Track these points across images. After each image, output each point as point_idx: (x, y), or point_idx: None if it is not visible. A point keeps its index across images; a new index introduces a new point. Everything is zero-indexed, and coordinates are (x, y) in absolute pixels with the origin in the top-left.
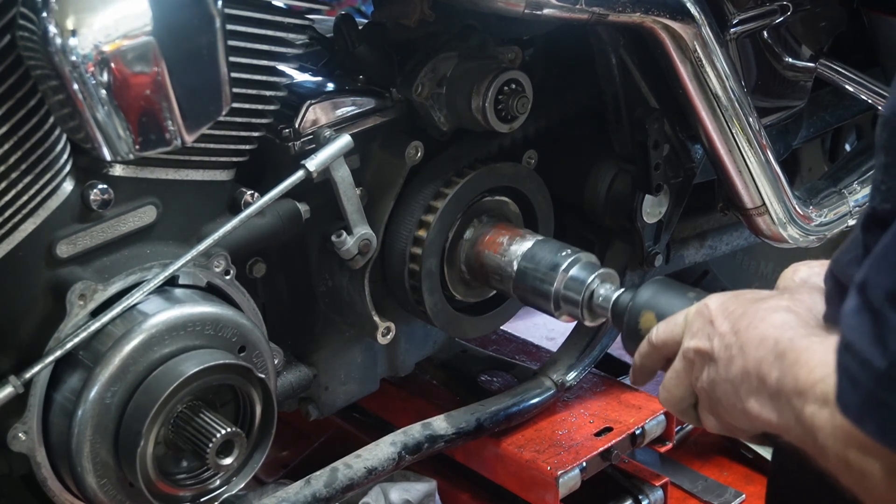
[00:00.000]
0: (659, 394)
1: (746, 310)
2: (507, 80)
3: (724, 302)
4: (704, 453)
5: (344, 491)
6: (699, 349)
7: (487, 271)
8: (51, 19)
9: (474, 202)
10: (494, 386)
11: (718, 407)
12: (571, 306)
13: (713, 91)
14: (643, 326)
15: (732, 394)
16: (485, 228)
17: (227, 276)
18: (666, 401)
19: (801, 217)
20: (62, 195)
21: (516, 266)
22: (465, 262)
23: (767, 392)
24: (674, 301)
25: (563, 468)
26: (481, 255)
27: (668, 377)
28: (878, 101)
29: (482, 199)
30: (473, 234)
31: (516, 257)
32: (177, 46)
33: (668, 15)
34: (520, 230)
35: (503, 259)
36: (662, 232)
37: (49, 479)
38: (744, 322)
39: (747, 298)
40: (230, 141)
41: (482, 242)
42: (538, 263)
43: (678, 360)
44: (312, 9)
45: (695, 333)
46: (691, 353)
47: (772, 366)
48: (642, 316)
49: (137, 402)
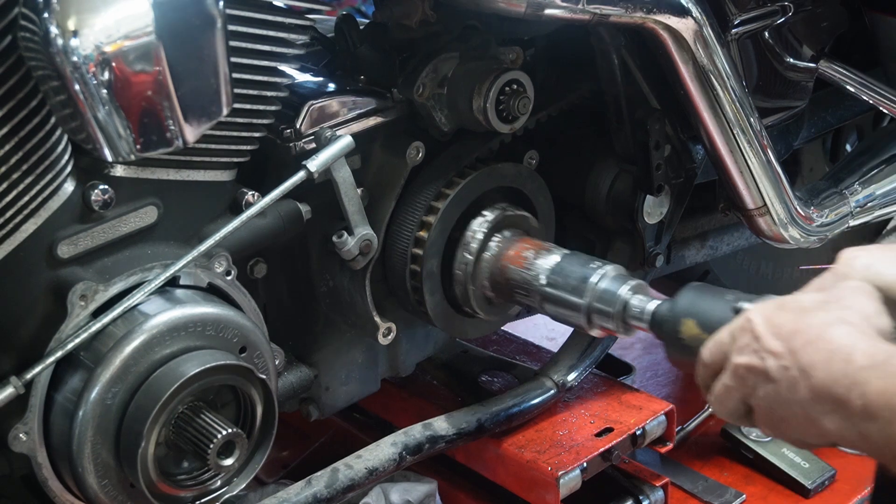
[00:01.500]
0: (710, 403)
1: (797, 325)
2: (509, 81)
3: (769, 316)
4: (705, 454)
5: (345, 491)
6: (750, 366)
7: (513, 286)
8: (52, 20)
9: (499, 221)
10: (495, 386)
11: (782, 424)
12: (604, 319)
13: (714, 91)
14: (685, 335)
15: (802, 416)
16: (508, 243)
17: (228, 276)
18: (718, 412)
19: (803, 218)
20: (63, 196)
21: (544, 280)
22: (489, 279)
23: (849, 413)
24: (713, 306)
25: (563, 469)
26: (506, 270)
27: (719, 391)
28: (879, 101)
29: (505, 214)
30: (497, 250)
31: (543, 271)
32: (178, 47)
33: (669, 15)
34: (544, 244)
35: (529, 273)
36: (663, 232)
37: (50, 480)
38: (798, 340)
39: (793, 309)
40: (231, 141)
41: (506, 257)
42: (567, 277)
43: (728, 375)
44: (313, 9)
45: (742, 349)
46: (742, 370)
47: (850, 388)
48: (683, 324)
49: (138, 403)
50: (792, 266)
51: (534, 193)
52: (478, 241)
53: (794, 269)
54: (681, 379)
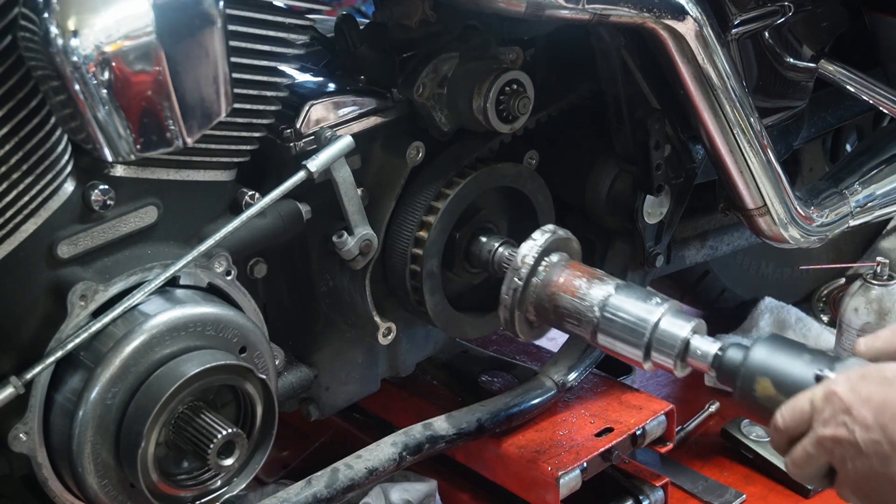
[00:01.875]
0: (787, 468)
1: (886, 398)
2: (509, 81)
3: (854, 386)
4: (705, 454)
5: (345, 491)
6: (837, 438)
7: (563, 315)
8: (52, 20)
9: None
10: (495, 386)
11: (871, 494)
12: (663, 357)
13: (714, 91)
14: (760, 394)
15: (893, 487)
16: (556, 269)
17: (228, 276)
18: (796, 476)
19: (803, 218)
20: (63, 196)
21: (598, 313)
22: (535, 303)
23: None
24: (791, 367)
25: (563, 469)
26: (555, 297)
27: (800, 457)
28: (879, 101)
29: (555, 236)
30: (545, 275)
31: (598, 303)
32: (178, 47)
33: (669, 15)
34: (595, 271)
35: (583, 304)
36: (663, 232)
37: (50, 480)
38: (888, 414)
39: (877, 380)
40: (231, 141)
41: (556, 284)
42: (626, 312)
43: (811, 444)
44: (313, 9)
45: (827, 421)
46: (829, 441)
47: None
48: (758, 383)
49: (138, 403)
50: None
51: (534, 193)
52: (528, 267)
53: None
54: (681, 379)
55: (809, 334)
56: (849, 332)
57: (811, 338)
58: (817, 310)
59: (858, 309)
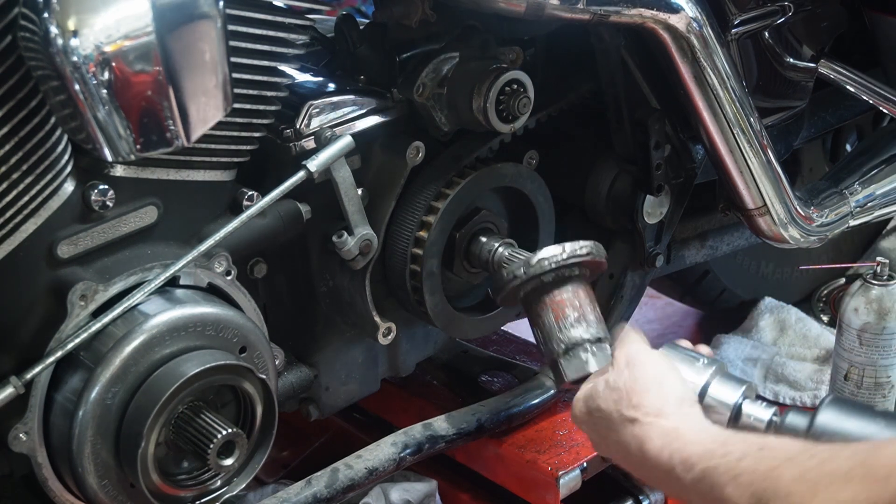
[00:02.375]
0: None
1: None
2: (509, 81)
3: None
4: None
5: (345, 491)
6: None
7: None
8: (52, 20)
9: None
10: (495, 386)
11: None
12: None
13: (714, 91)
14: None
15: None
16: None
17: (228, 276)
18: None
19: (803, 217)
20: (63, 196)
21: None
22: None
23: None
24: (865, 430)
25: (563, 469)
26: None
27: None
28: (879, 101)
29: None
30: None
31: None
32: (178, 47)
33: (669, 15)
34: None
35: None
36: (663, 232)
37: (50, 480)
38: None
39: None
40: (231, 141)
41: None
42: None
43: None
44: (313, 9)
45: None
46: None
47: None
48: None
49: (138, 403)
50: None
51: (534, 193)
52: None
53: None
54: None
55: (809, 334)
56: (849, 332)
57: (811, 338)
58: (817, 310)
59: (858, 309)
